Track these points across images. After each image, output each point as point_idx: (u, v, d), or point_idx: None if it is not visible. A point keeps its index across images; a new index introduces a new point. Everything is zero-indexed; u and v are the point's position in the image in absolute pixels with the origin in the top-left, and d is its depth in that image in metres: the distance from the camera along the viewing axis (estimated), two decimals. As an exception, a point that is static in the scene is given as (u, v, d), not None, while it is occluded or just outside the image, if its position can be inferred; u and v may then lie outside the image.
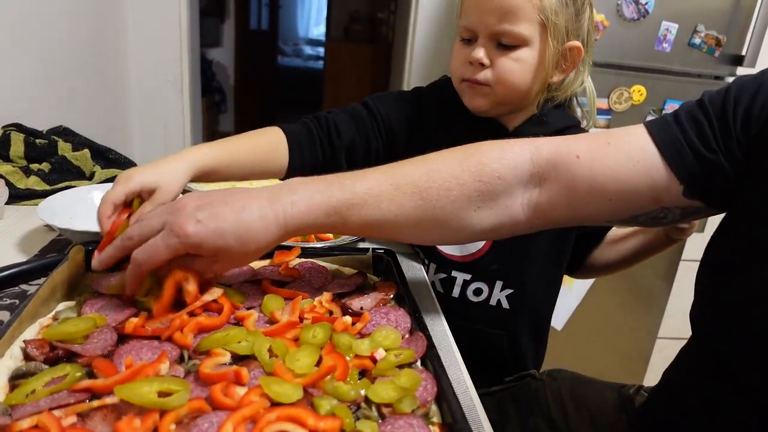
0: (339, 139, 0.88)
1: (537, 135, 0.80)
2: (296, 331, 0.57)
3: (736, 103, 0.54)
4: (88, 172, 1.05)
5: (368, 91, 4.59)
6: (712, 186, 0.56)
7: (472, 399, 0.56)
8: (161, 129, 2.12)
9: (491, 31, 0.79)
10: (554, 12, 0.77)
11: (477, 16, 0.80)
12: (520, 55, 0.80)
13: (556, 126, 0.88)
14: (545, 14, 0.77)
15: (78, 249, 0.67)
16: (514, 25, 0.78)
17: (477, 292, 0.93)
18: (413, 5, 2.09)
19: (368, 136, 0.90)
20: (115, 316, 0.56)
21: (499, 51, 0.80)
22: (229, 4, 4.53)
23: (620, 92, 1.55)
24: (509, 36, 0.79)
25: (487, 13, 0.78)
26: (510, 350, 0.95)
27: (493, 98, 0.83)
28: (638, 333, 1.86)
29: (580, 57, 0.83)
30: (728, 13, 1.53)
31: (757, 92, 0.53)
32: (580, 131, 0.91)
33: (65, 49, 1.57)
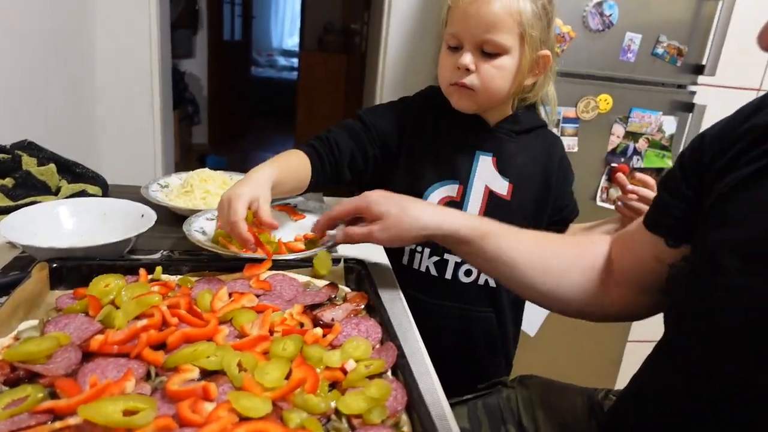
0: (340, 154, 0.98)
1: (513, 131, 1.00)
2: (266, 344, 0.57)
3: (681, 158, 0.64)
4: (54, 187, 1.02)
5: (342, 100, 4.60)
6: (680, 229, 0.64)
7: (443, 408, 0.56)
8: (131, 142, 2.08)
9: (476, 40, 0.89)
10: (530, 25, 0.88)
11: (463, 27, 0.89)
12: (502, 62, 0.90)
13: (528, 125, 1.02)
14: (523, 27, 0.88)
15: (41, 266, 0.66)
16: (496, 36, 0.88)
17: (467, 273, 1.02)
18: (385, 16, 2.11)
19: (365, 146, 1.00)
20: (80, 334, 0.55)
21: (483, 58, 0.90)
22: (201, 16, 4.49)
23: (587, 101, 1.59)
24: (492, 45, 0.88)
25: (473, 24, 0.88)
26: (497, 327, 1.06)
27: (477, 99, 0.94)
28: (609, 337, 1.89)
29: (549, 63, 0.95)
30: (688, 24, 1.58)
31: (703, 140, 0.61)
32: (546, 131, 1.06)
33: (31, 60, 1.54)
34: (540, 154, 1.02)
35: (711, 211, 0.57)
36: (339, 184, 1.01)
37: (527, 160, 1.01)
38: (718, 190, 0.57)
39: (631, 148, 1.65)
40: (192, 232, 0.85)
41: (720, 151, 0.58)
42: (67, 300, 0.63)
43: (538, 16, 0.89)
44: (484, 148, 1.00)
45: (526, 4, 0.87)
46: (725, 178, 0.56)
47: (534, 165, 1.01)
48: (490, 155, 0.99)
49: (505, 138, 1.00)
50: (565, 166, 1.06)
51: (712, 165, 0.59)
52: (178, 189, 1.08)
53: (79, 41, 1.85)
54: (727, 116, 0.61)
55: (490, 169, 0.99)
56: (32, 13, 1.54)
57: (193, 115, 4.56)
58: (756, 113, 0.57)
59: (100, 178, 1.09)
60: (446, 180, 1.00)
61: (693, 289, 0.56)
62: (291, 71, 6.59)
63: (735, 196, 0.55)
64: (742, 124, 0.57)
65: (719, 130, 0.60)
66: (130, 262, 0.71)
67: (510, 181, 1.00)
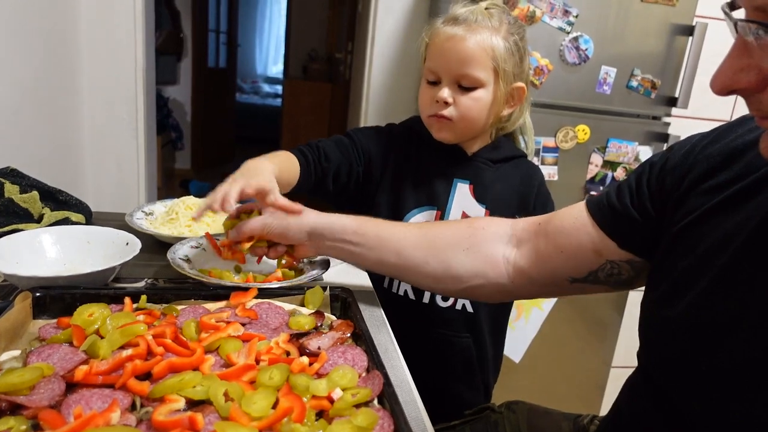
0: (327, 163, 1.01)
1: (490, 159, 1.04)
2: (253, 373, 0.57)
3: (650, 170, 0.66)
4: (36, 215, 1.01)
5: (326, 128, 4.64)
6: (636, 238, 0.66)
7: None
8: (115, 167, 2.08)
9: (453, 75, 0.95)
10: (503, 59, 0.94)
11: (441, 63, 0.95)
12: (478, 95, 0.95)
13: (506, 153, 1.05)
14: (497, 61, 0.94)
15: (24, 295, 0.65)
16: (472, 71, 0.93)
17: (445, 298, 1.04)
18: (369, 45, 2.15)
19: (351, 162, 1.04)
20: (64, 364, 0.55)
21: (460, 91, 0.96)
22: (186, 43, 4.53)
23: (566, 131, 1.64)
24: (468, 79, 0.94)
25: (451, 60, 0.94)
26: (475, 352, 1.06)
27: (456, 130, 0.99)
28: (593, 363, 1.90)
29: (524, 95, 1.01)
30: (661, 58, 1.65)
31: (665, 163, 0.65)
32: (525, 161, 1.08)
33: (16, 87, 1.54)
34: (517, 183, 1.05)
35: (677, 238, 0.59)
36: (319, 193, 1.03)
37: (504, 187, 1.04)
38: (683, 215, 0.59)
39: (609, 176, 1.69)
40: (176, 260, 0.85)
41: (680, 178, 0.61)
42: (50, 329, 0.62)
43: (511, 52, 0.94)
44: (461, 175, 1.03)
45: (498, 40, 0.93)
46: (688, 204, 0.59)
47: (511, 192, 1.04)
48: (468, 182, 1.03)
49: (482, 166, 1.03)
50: (543, 193, 1.08)
51: (673, 189, 0.62)
52: (162, 216, 1.08)
53: (64, 66, 1.85)
54: (690, 138, 0.65)
55: (467, 196, 1.03)
56: (17, 38, 1.54)
57: (176, 140, 4.55)
58: (721, 139, 0.60)
59: (84, 206, 1.09)
60: (425, 206, 1.03)
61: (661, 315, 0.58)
62: (275, 98, 6.65)
63: (699, 224, 0.57)
64: (705, 149, 0.60)
65: (679, 157, 0.63)
66: (115, 291, 0.71)
67: (486, 207, 1.02)
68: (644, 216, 0.65)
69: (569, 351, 1.86)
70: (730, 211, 0.55)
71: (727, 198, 0.55)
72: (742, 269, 0.51)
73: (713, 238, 0.55)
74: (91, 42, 1.93)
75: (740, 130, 0.59)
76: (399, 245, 0.80)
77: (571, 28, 1.56)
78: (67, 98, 1.89)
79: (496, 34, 0.93)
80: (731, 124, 0.61)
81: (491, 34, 0.93)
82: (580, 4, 1.56)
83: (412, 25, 2.12)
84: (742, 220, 0.53)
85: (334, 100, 4.47)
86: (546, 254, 0.75)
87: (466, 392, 1.08)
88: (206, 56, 4.71)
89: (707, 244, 0.55)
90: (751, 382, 0.49)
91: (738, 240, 0.52)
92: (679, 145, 0.65)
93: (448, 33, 0.94)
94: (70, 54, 1.88)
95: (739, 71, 0.44)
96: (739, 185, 0.55)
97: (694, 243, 0.57)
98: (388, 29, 2.12)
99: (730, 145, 0.58)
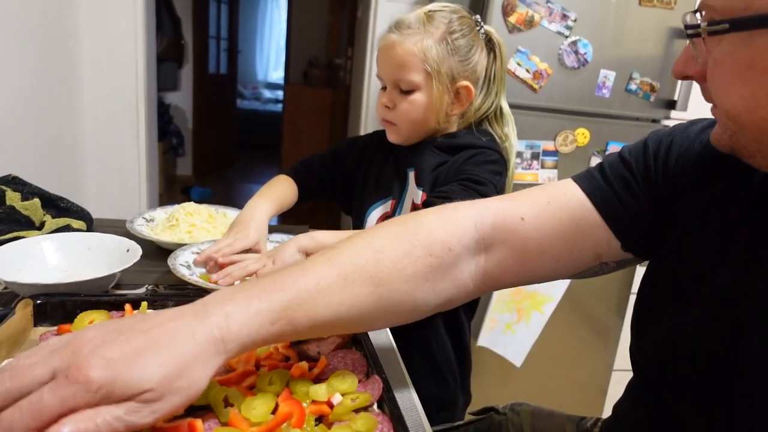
0: (314, 179, 1.17)
1: (440, 146, 1.03)
2: (252, 378, 0.57)
3: (655, 158, 0.60)
4: (38, 222, 1.02)
5: (327, 133, 4.65)
6: (643, 239, 0.60)
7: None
8: (116, 174, 2.09)
9: (392, 79, 1.00)
10: (436, 62, 0.96)
11: (383, 69, 1.02)
12: (415, 98, 0.99)
13: (460, 142, 1.03)
14: (429, 65, 0.96)
15: (25, 303, 0.65)
16: (406, 75, 0.98)
17: None
18: (369, 51, 2.16)
19: (334, 172, 1.18)
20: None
21: (400, 95, 1.00)
22: (187, 50, 4.55)
23: (565, 135, 1.64)
24: (404, 83, 0.99)
25: (388, 66, 1.00)
26: (435, 344, 1.05)
27: (401, 132, 1.04)
28: (595, 366, 1.90)
29: (471, 94, 1.01)
30: (659, 61, 1.65)
31: (670, 147, 0.59)
32: (479, 150, 1.00)
33: (17, 94, 1.55)
34: (452, 163, 1.00)
35: (674, 241, 0.58)
36: (315, 199, 1.19)
37: (442, 170, 1.01)
38: (678, 217, 0.58)
39: (609, 179, 1.69)
40: (177, 266, 0.85)
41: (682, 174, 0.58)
42: (50, 337, 0.62)
43: (448, 53, 0.97)
44: (410, 164, 1.06)
45: (429, 43, 0.96)
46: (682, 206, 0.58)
47: (446, 173, 1.00)
48: (413, 169, 1.05)
49: (428, 153, 1.04)
50: (461, 167, 0.98)
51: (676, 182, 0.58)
52: (163, 223, 1.09)
53: (65, 73, 1.86)
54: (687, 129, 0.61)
55: (412, 183, 1.05)
56: (18, 46, 1.55)
57: (177, 146, 4.57)
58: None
59: (85, 213, 1.09)
60: (383, 198, 1.08)
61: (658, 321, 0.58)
62: (276, 104, 6.67)
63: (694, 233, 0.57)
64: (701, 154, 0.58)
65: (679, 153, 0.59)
66: (115, 298, 0.71)
67: (423, 190, 1.02)
68: (658, 215, 0.59)
69: (571, 354, 1.86)
70: (721, 216, 0.54)
71: (723, 203, 0.55)
72: (739, 274, 0.51)
73: (710, 243, 0.55)
74: (92, 49, 1.94)
75: None
76: (347, 322, 0.55)
77: (570, 32, 1.57)
78: (69, 106, 1.90)
79: (428, 37, 0.96)
80: (694, 122, 0.61)
81: (423, 38, 0.96)
82: (579, 9, 1.56)
83: (412, 31, 2.13)
84: (740, 225, 0.53)
85: (335, 106, 4.48)
86: (533, 262, 0.62)
87: (433, 386, 1.04)
88: (207, 63, 4.73)
89: (704, 250, 0.55)
90: (749, 386, 0.49)
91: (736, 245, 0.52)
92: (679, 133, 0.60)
93: (385, 40, 0.99)
94: (71, 61, 1.89)
95: (688, 61, 0.50)
96: (728, 196, 0.54)
97: (691, 247, 0.57)
98: (388, 35, 2.13)
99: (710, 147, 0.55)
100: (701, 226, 0.56)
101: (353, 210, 1.19)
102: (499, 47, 1.04)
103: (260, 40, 7.46)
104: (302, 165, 1.19)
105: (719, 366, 0.51)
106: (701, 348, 0.53)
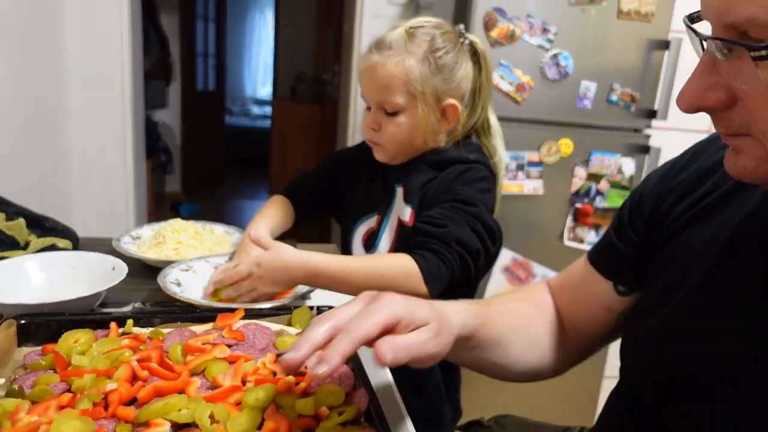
0: (307, 195, 1.14)
1: (429, 162, 1.02)
2: (239, 395, 0.57)
3: (630, 202, 0.67)
4: (22, 242, 1.01)
5: (315, 148, 4.66)
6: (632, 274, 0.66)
7: (417, 452, 0.57)
8: (104, 192, 2.08)
9: (376, 101, 0.99)
10: (419, 82, 0.94)
11: (366, 90, 1.00)
12: (400, 119, 0.98)
13: (448, 156, 1.03)
14: (413, 86, 0.95)
15: (9, 323, 0.65)
16: (390, 97, 0.96)
17: None
18: (355, 67, 2.18)
19: (324, 187, 1.15)
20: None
21: (386, 117, 0.99)
22: (175, 67, 4.56)
23: (549, 146, 1.67)
24: (388, 104, 0.97)
25: (371, 88, 0.98)
26: None
27: (388, 153, 1.03)
28: (585, 374, 1.90)
29: (457, 111, 0.99)
30: (639, 72, 1.69)
31: (642, 193, 0.66)
32: (468, 167, 1.00)
33: (2, 112, 1.55)
34: (441, 180, 1.00)
35: (656, 254, 0.61)
36: (309, 219, 1.16)
37: (431, 186, 1.01)
38: (662, 232, 0.61)
39: (593, 189, 1.72)
40: (167, 284, 0.85)
41: (657, 204, 0.63)
42: (35, 357, 0.62)
43: (431, 73, 0.94)
44: (398, 179, 1.05)
45: (412, 63, 0.93)
46: (666, 223, 0.61)
47: (436, 190, 0.99)
48: (401, 185, 1.04)
49: (418, 170, 1.02)
50: (450, 186, 0.97)
51: (652, 215, 0.63)
52: (150, 240, 1.08)
53: (52, 91, 1.86)
54: (664, 166, 0.66)
55: (400, 199, 1.04)
56: (3, 63, 1.55)
57: (166, 163, 4.55)
58: (691, 163, 0.62)
59: (71, 232, 1.09)
60: (369, 213, 1.08)
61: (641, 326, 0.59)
62: (264, 119, 6.67)
63: (676, 237, 0.59)
64: (678, 175, 0.62)
65: (653, 185, 0.65)
66: (101, 316, 0.71)
67: (412, 207, 1.01)
68: (631, 248, 0.65)
69: (562, 364, 1.86)
70: (703, 224, 0.56)
71: (699, 212, 0.57)
72: (717, 279, 0.53)
73: (689, 251, 0.56)
74: (79, 68, 1.95)
75: (710, 150, 0.61)
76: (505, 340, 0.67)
77: (551, 45, 1.60)
78: (56, 124, 1.89)
79: (410, 57, 0.93)
80: (700, 145, 0.63)
81: (404, 58, 0.93)
82: (559, 22, 1.60)
83: (397, 46, 2.16)
84: (715, 233, 0.54)
85: (323, 121, 4.49)
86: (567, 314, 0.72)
87: (415, 401, 0.99)
88: (195, 79, 4.74)
89: (683, 257, 0.57)
90: (730, 391, 0.50)
91: (713, 251, 0.54)
92: (654, 173, 0.67)
93: (367, 61, 0.97)
94: (58, 79, 1.89)
95: (707, 89, 0.43)
96: (709, 199, 0.57)
97: (671, 257, 0.58)
98: (373, 50, 2.15)
99: (701, 166, 0.60)
100: (682, 232, 0.58)
101: (342, 222, 1.19)
102: (485, 58, 1.01)
103: (248, 57, 7.49)
104: (292, 184, 1.17)
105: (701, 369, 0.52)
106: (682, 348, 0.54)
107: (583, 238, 1.74)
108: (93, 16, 1.91)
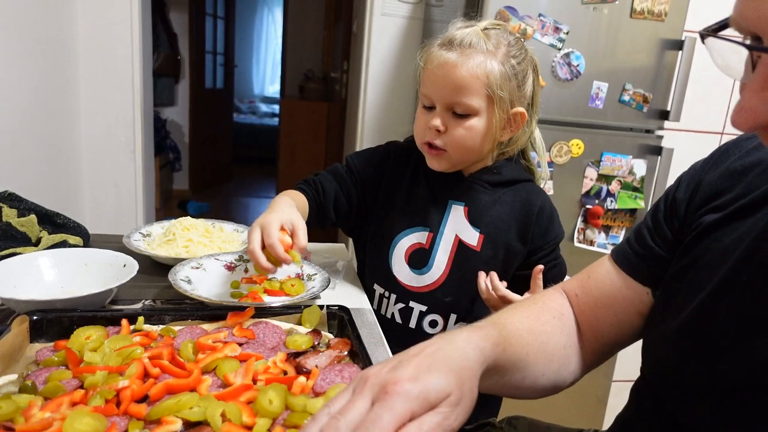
0: (325, 195, 1.02)
1: (490, 182, 1.00)
2: (250, 393, 0.57)
3: (664, 204, 0.67)
4: (34, 238, 1.02)
5: (323, 147, 4.67)
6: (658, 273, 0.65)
7: (428, 453, 0.56)
8: (113, 190, 2.08)
9: (446, 102, 0.91)
10: (499, 87, 0.89)
11: (435, 89, 0.92)
12: (471, 123, 0.92)
13: (509, 176, 1.01)
14: (491, 89, 0.89)
15: (21, 319, 0.65)
16: (465, 99, 0.90)
17: (432, 324, 1.03)
18: (364, 65, 2.18)
19: (348, 189, 1.05)
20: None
21: (454, 119, 0.92)
22: (183, 65, 4.58)
23: (560, 146, 1.65)
24: (462, 107, 0.91)
25: (444, 87, 0.90)
26: None
27: (450, 160, 0.96)
28: (594, 377, 1.88)
29: (524, 120, 0.96)
30: (652, 72, 1.67)
31: (675, 193, 0.66)
32: (530, 185, 1.03)
33: (13, 109, 1.55)
34: (517, 208, 1.00)
35: (681, 255, 0.61)
36: (324, 225, 1.05)
37: (502, 212, 1.00)
38: (692, 232, 0.61)
39: (604, 190, 1.70)
40: (178, 281, 0.85)
41: (689, 204, 0.63)
42: (47, 353, 0.62)
43: (507, 77, 0.90)
44: (456, 197, 1.00)
45: (493, 66, 0.88)
46: (694, 224, 0.61)
47: (509, 219, 1.00)
48: (462, 204, 1.00)
49: (479, 189, 1.00)
50: (544, 222, 1.01)
51: (686, 215, 0.63)
52: (160, 238, 1.09)
53: (62, 89, 1.87)
54: (694, 166, 0.66)
55: (462, 219, 1.00)
56: (14, 61, 1.56)
57: (174, 161, 4.58)
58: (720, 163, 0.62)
59: (82, 228, 1.09)
60: (416, 227, 1.01)
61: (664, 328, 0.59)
62: (272, 117, 6.70)
63: (701, 240, 0.58)
64: (707, 174, 0.62)
65: (686, 185, 0.65)
66: (112, 313, 0.71)
67: (481, 232, 0.99)
68: (670, 251, 0.64)
69: (570, 365, 1.85)
70: (730, 227, 0.56)
71: (729, 215, 0.57)
72: (740, 281, 0.52)
73: (714, 253, 0.56)
74: (89, 65, 1.95)
75: (738, 153, 0.61)
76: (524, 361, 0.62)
77: (563, 45, 1.58)
78: (65, 121, 1.90)
79: (491, 58, 0.89)
80: (726, 147, 0.63)
81: (486, 59, 0.88)
82: (571, 21, 1.58)
83: (407, 45, 2.15)
84: (741, 235, 0.54)
85: (331, 119, 4.50)
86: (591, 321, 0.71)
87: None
88: (204, 77, 4.76)
89: (708, 258, 0.57)
90: (751, 393, 0.49)
91: (737, 253, 0.54)
92: (684, 174, 0.67)
93: (441, 59, 0.90)
94: (67, 77, 1.90)
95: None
96: (740, 203, 0.57)
97: (696, 258, 0.58)
98: (383, 49, 2.15)
99: (729, 168, 0.60)
100: (708, 233, 0.58)
101: (371, 231, 1.06)
102: (537, 69, 0.97)
103: (256, 54, 7.51)
104: (307, 183, 1.04)
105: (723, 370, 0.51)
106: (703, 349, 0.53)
107: (593, 239, 1.73)
108: (103, 14, 1.92)
